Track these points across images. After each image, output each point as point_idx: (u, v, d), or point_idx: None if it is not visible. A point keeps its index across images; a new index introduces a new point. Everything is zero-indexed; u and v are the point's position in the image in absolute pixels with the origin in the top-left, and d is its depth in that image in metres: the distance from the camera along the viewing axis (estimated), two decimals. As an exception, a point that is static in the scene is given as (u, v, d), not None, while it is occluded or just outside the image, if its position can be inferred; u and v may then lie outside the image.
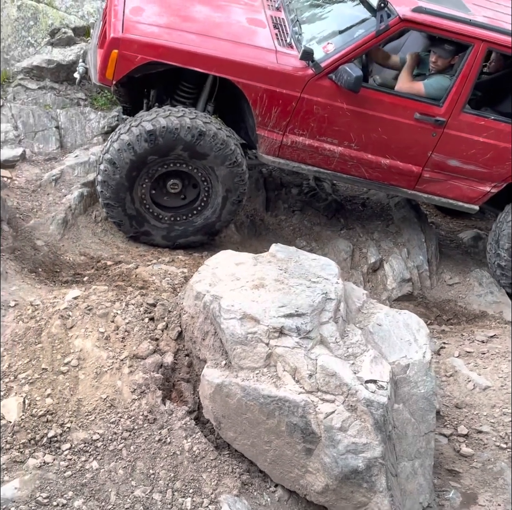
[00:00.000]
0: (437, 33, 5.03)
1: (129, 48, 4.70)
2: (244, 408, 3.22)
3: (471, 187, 5.48)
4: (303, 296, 3.49)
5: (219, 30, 5.02)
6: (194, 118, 4.80)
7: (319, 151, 5.25)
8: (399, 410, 3.38)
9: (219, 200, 5.06)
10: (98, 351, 3.62)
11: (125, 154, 4.77)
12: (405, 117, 5.11)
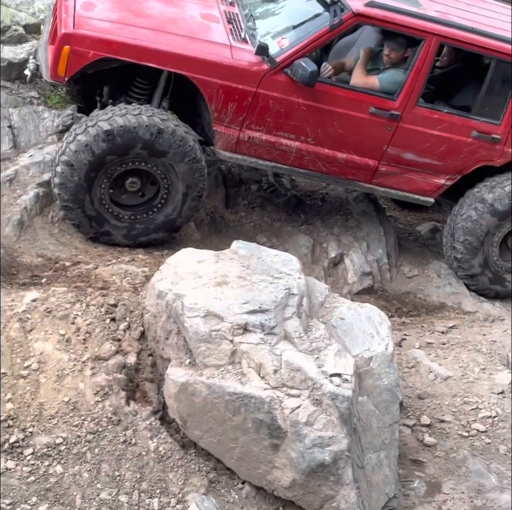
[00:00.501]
0: (390, 27, 5.09)
1: (81, 44, 4.64)
2: (210, 406, 3.21)
3: (426, 180, 5.55)
4: (266, 292, 3.48)
5: (173, 26, 4.97)
6: (151, 116, 4.75)
7: (276, 146, 5.24)
8: (364, 402, 3.41)
9: (180, 196, 5.01)
10: (59, 354, 3.56)
11: (82, 155, 4.69)
12: (360, 111, 5.15)
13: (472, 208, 5.61)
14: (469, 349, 4.82)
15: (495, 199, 5.53)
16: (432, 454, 4.02)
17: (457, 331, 5.19)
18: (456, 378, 4.52)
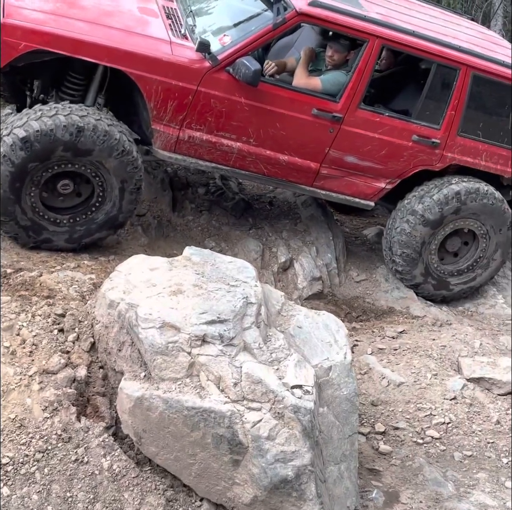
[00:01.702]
0: (333, 28, 5.06)
1: (11, 34, 4.36)
2: (167, 422, 3.08)
3: (367, 183, 5.53)
4: (224, 301, 3.38)
5: (110, 19, 4.76)
6: (68, 114, 4.48)
7: (217, 146, 5.11)
8: (324, 413, 3.34)
9: (116, 192, 4.78)
10: (4, 368, 3.37)
11: (2, 167, 4.44)
12: (303, 112, 5.07)
13: (404, 221, 5.64)
14: (420, 354, 4.83)
15: (425, 209, 5.55)
16: (388, 462, 4.00)
17: (407, 336, 5.21)
18: (409, 384, 4.53)
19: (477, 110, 5.52)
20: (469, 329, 5.36)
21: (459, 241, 5.88)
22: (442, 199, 5.54)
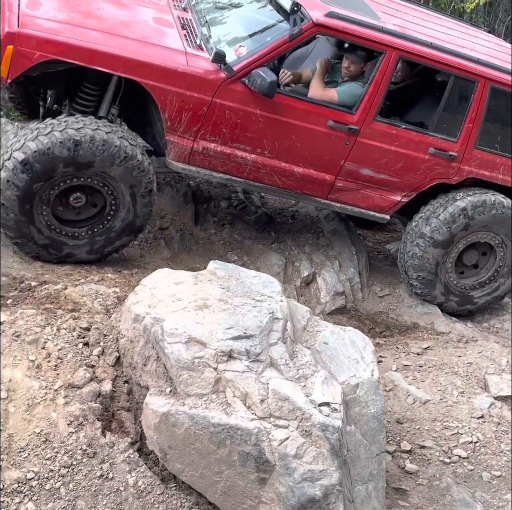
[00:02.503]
0: (350, 39, 5.02)
1: (26, 44, 4.35)
2: (193, 438, 3.05)
3: (382, 196, 5.48)
4: (250, 316, 3.35)
5: (125, 29, 4.75)
6: (64, 129, 4.43)
7: (231, 158, 5.08)
8: (351, 432, 3.29)
9: (128, 198, 4.74)
10: (29, 381, 3.36)
11: (8, 192, 4.44)
12: (318, 124, 5.04)
13: (414, 244, 5.60)
14: (446, 371, 4.76)
15: (433, 230, 5.50)
16: (415, 481, 3.93)
17: (432, 353, 5.14)
18: (435, 402, 4.46)
19: (495, 123, 5.48)
20: (495, 346, 5.28)
21: (476, 254, 5.81)
22: (448, 218, 5.47)
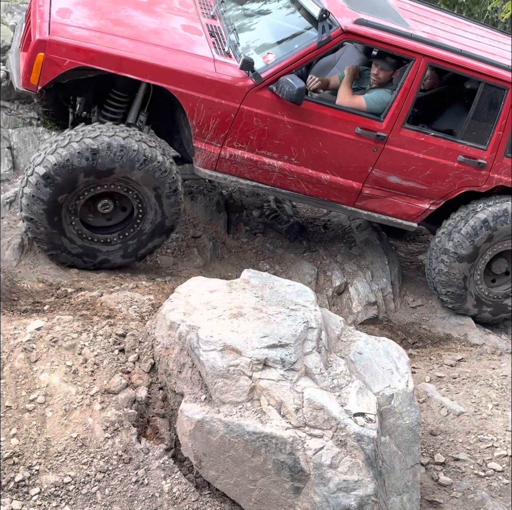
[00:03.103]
0: (378, 46, 4.99)
1: (56, 51, 4.40)
2: (228, 446, 3.06)
3: (410, 204, 5.44)
4: (284, 325, 3.36)
5: (154, 36, 4.78)
6: (81, 139, 4.47)
7: (258, 165, 5.08)
8: (386, 443, 3.28)
9: (153, 200, 4.75)
10: (66, 386, 3.41)
11: (35, 207, 4.51)
12: (346, 131, 5.02)
13: (439, 261, 5.57)
14: (480, 384, 4.71)
15: (456, 245, 5.47)
16: (449, 494, 3.89)
17: (466, 364, 5.09)
18: (469, 414, 4.41)
19: None
20: (530, 358, 5.22)
21: (505, 261, 5.74)
22: (470, 232, 5.44)
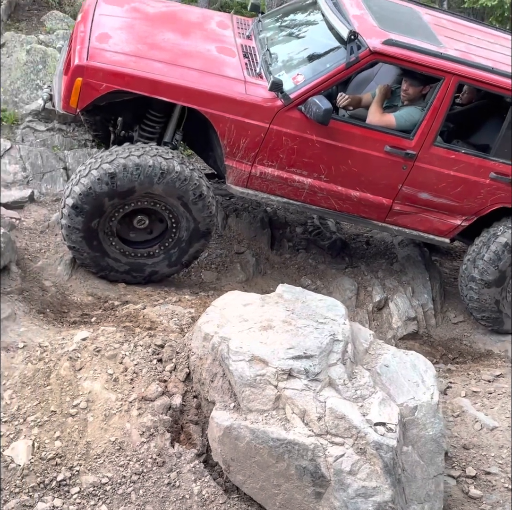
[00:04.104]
0: (407, 66, 5.02)
1: (94, 76, 4.61)
2: (253, 451, 3.23)
3: (441, 220, 5.47)
4: (311, 338, 3.51)
5: (187, 59, 4.94)
6: (99, 166, 4.65)
7: (288, 182, 5.19)
8: (408, 452, 3.38)
9: (181, 209, 4.90)
10: (107, 393, 3.64)
11: (73, 236, 4.78)
12: (375, 149, 5.08)
13: (468, 288, 5.63)
14: (516, 399, 4.72)
15: (481, 272, 5.49)
16: (478, 507, 3.93)
17: (504, 380, 5.09)
18: (502, 429, 4.43)
19: None
20: None
21: None
22: (493, 257, 5.45)
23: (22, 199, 5.69)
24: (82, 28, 4.96)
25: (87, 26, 4.97)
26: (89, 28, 4.95)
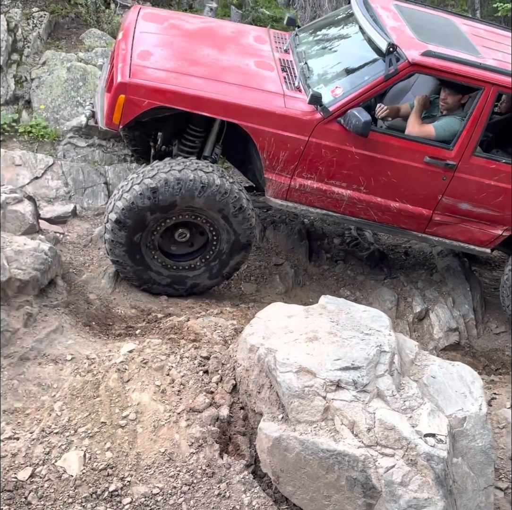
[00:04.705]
0: (447, 77, 5.02)
1: (136, 93, 4.71)
2: (303, 462, 3.24)
3: (482, 230, 5.45)
4: (357, 349, 3.52)
5: (227, 74, 5.02)
6: (141, 181, 4.74)
7: (327, 194, 5.22)
8: (458, 464, 3.36)
9: (222, 221, 4.96)
10: (155, 405, 3.68)
11: (117, 250, 4.88)
12: (414, 160, 5.09)
13: (510, 299, 5.63)
14: None
15: None
16: (527, 519, 3.89)
17: (549, 391, 5.04)
18: (550, 440, 4.38)
19: None
20: None
21: None
22: None
23: (65, 214, 5.81)
24: (124, 46, 5.07)
25: (128, 44, 5.07)
26: (130, 45, 5.05)
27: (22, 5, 7.44)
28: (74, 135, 6.69)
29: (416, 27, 5.32)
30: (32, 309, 4.24)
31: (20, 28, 7.22)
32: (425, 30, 5.33)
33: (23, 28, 7.25)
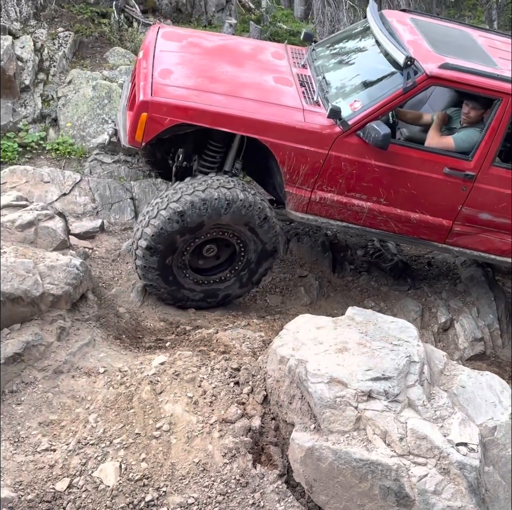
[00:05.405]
0: (464, 88, 5.05)
1: (158, 111, 4.78)
2: (336, 472, 3.29)
3: (503, 240, 5.46)
4: (387, 360, 3.57)
5: (246, 90, 5.09)
6: (167, 206, 4.82)
7: (347, 206, 5.27)
8: (490, 472, 3.39)
9: (248, 233, 5.04)
10: (188, 416, 3.75)
11: (149, 275, 4.98)
12: (434, 172, 5.12)
13: None
14: None
15: None
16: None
17: None
18: None
19: None
20: None
21: None
22: None
23: (93, 229, 5.91)
24: (145, 64, 5.17)
25: (149, 63, 5.18)
26: (151, 64, 5.15)
27: (47, 25, 7.62)
28: (100, 152, 6.82)
29: (433, 40, 5.38)
30: (65, 323, 4.34)
31: (46, 48, 7.39)
32: (441, 43, 5.38)
33: (49, 48, 7.42)
